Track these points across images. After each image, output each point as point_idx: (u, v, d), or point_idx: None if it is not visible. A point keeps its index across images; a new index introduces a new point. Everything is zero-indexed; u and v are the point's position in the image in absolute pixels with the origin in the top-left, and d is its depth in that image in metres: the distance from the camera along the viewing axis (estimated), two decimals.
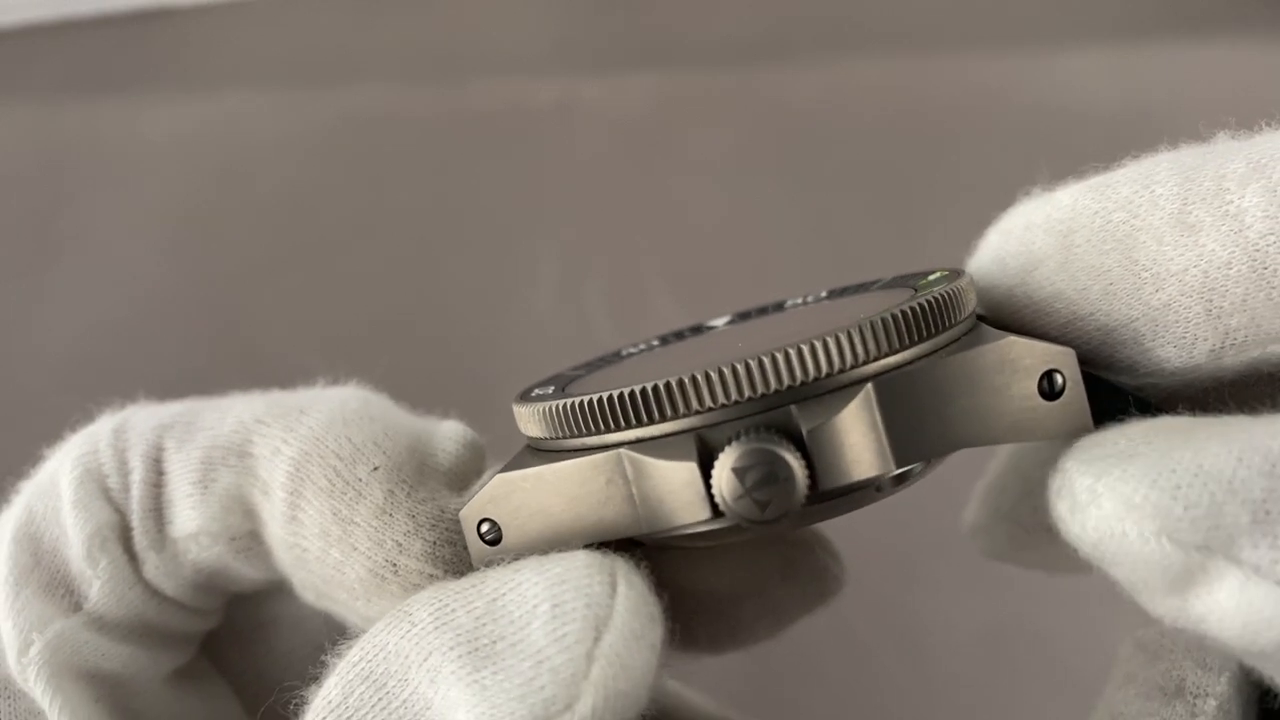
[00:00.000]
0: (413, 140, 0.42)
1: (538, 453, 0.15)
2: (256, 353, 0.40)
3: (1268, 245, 0.14)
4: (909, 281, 0.17)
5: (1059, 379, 0.14)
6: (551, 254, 0.40)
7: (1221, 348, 0.14)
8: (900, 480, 0.15)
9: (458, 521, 0.15)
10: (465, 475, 0.16)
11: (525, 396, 0.16)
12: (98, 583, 0.16)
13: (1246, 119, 0.15)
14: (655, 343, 0.19)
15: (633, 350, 0.19)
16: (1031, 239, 0.16)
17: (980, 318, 0.16)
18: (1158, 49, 0.35)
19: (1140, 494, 0.12)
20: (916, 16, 0.40)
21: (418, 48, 0.44)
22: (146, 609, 0.16)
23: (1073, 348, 0.14)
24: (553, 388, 0.16)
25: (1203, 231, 0.14)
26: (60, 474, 0.16)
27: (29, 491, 0.17)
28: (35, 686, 0.15)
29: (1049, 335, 0.15)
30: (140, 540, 0.16)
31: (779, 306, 0.19)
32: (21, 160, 0.44)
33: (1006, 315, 0.16)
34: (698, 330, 0.19)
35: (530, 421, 0.15)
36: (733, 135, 0.41)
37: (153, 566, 0.16)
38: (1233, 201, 0.14)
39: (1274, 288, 0.14)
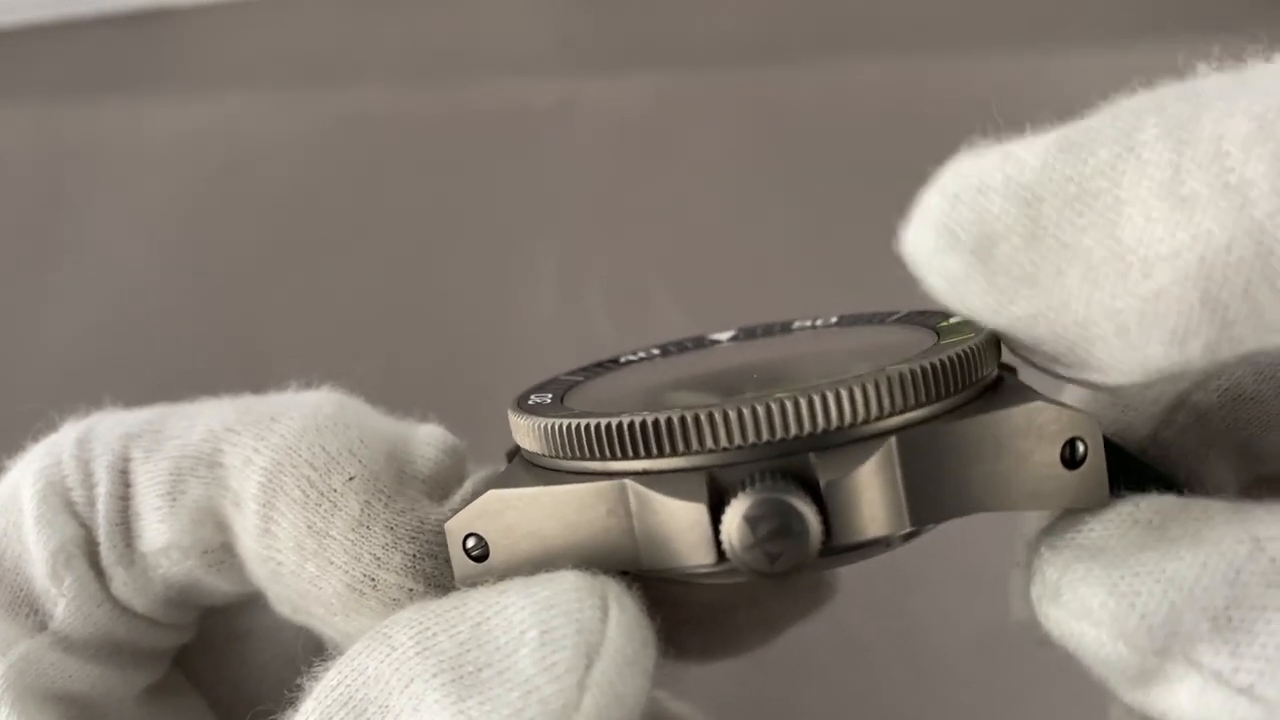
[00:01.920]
0: (413, 140, 0.42)
1: (533, 468, 0.15)
2: (256, 352, 0.40)
3: (1275, 227, 0.12)
4: (927, 321, 0.16)
5: (1081, 447, 0.13)
6: (551, 254, 0.40)
7: (1217, 342, 0.13)
8: (909, 537, 0.14)
9: (439, 533, 0.15)
10: (446, 483, 0.16)
11: (523, 406, 0.15)
12: (63, 601, 0.15)
13: None
14: (655, 352, 0.18)
15: (632, 358, 0.18)
16: (988, 206, 0.13)
17: (1001, 369, 0.15)
18: (1158, 49, 0.35)
19: (1098, 600, 0.12)
20: (916, 16, 0.40)
21: (418, 48, 0.44)
22: (115, 627, 0.16)
23: (1042, 344, 0.14)
24: (550, 396, 0.16)
25: (1199, 206, 0.12)
26: (22, 487, 0.16)
27: None
28: (0, 710, 0.15)
29: (1016, 331, 0.14)
30: (107, 556, 0.16)
31: (786, 327, 0.18)
32: (21, 160, 0.44)
33: (960, 303, 0.14)
34: (700, 343, 0.19)
35: (529, 436, 0.15)
36: (733, 135, 0.40)
37: (121, 583, 0.16)
38: (1234, 170, 0.12)
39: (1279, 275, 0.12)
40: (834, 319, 0.18)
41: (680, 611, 0.17)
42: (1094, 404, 0.16)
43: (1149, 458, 0.15)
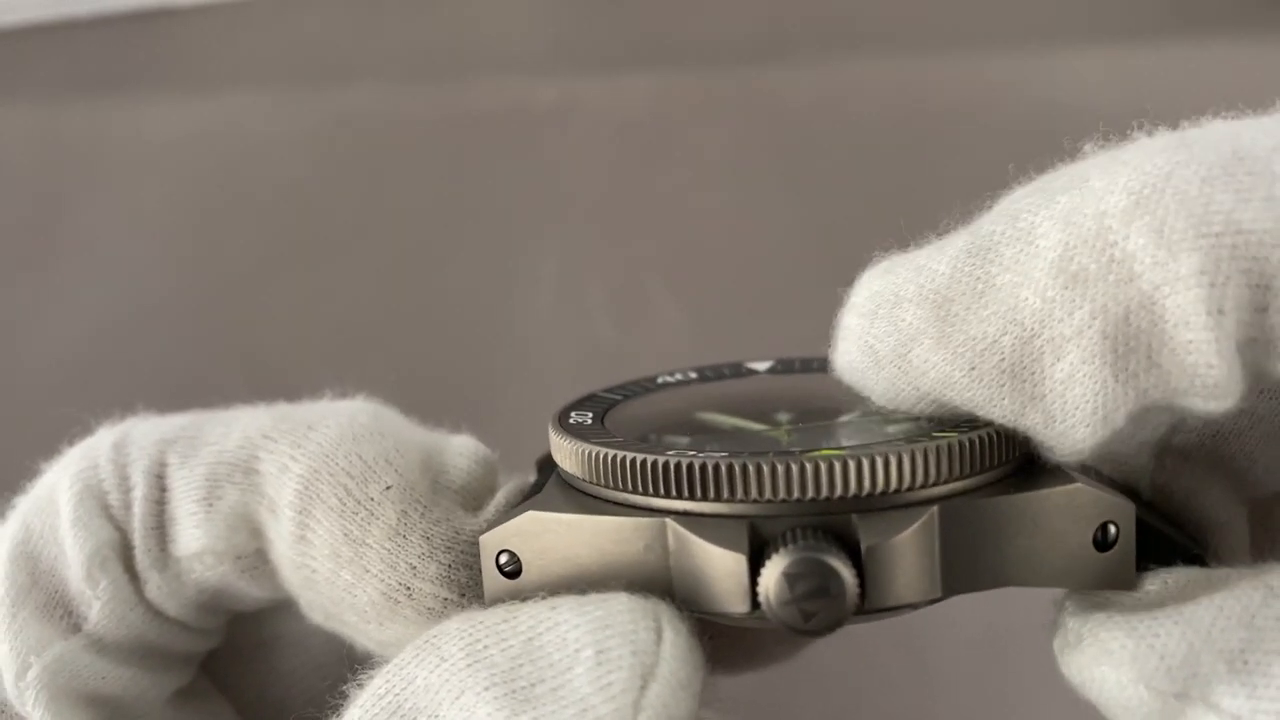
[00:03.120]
0: (413, 140, 0.42)
1: (572, 491, 0.15)
2: (255, 352, 0.40)
3: (1163, 296, 0.12)
4: None
5: (1113, 530, 0.14)
6: (551, 254, 0.40)
7: (1136, 409, 0.13)
8: (935, 601, 0.14)
9: (473, 543, 0.15)
10: (478, 493, 0.16)
11: (564, 425, 0.16)
12: (98, 603, 0.16)
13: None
14: (693, 375, 0.19)
15: (669, 379, 0.18)
16: (901, 316, 0.14)
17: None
18: (1158, 49, 0.35)
19: (1118, 641, 0.13)
20: (916, 16, 0.40)
21: (418, 48, 0.44)
22: (148, 630, 0.16)
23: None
24: (590, 415, 0.16)
25: (1089, 281, 0.13)
26: (59, 490, 0.16)
27: (26, 507, 0.16)
28: (33, 711, 0.15)
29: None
30: (142, 559, 0.16)
31: (824, 364, 0.19)
32: (21, 160, 0.44)
33: (906, 410, 0.15)
34: (738, 371, 0.19)
35: (571, 460, 0.15)
36: (733, 135, 0.41)
37: (155, 586, 0.16)
38: (1117, 244, 0.12)
39: (1178, 341, 0.12)
40: None
41: (707, 626, 0.18)
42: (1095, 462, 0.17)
43: (1174, 519, 0.16)
